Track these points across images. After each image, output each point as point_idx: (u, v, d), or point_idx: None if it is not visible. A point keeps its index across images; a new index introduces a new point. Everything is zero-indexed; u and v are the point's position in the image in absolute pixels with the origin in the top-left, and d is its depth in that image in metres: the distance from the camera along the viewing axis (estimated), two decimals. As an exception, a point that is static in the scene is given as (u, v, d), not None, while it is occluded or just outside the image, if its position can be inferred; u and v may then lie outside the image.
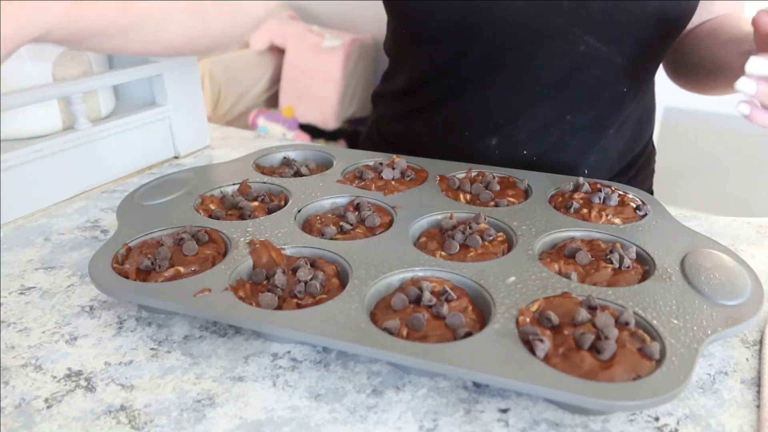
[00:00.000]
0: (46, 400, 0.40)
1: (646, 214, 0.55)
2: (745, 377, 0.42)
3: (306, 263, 0.47)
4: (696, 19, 0.72)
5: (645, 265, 0.49)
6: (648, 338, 0.39)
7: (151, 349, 0.44)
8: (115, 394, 0.40)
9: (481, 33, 0.66)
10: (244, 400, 0.40)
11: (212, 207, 0.59)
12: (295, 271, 0.46)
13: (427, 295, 0.42)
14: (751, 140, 1.91)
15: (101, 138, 0.69)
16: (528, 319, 0.41)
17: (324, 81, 2.44)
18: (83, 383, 0.41)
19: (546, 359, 0.38)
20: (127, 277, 0.46)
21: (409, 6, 0.68)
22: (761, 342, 0.45)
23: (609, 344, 0.37)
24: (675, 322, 0.41)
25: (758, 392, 0.40)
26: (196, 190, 0.61)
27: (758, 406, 0.39)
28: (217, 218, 0.56)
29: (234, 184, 0.62)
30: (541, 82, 0.67)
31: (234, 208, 0.58)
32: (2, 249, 0.57)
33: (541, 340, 0.38)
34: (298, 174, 0.66)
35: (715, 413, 0.39)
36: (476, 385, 0.41)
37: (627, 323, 0.40)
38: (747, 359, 0.43)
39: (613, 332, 0.39)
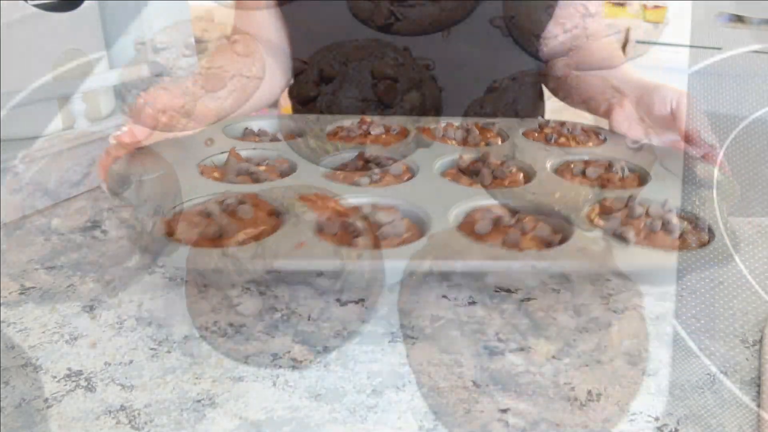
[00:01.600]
0: (46, 400, 0.40)
1: (606, 138, 0.66)
2: (745, 377, 0.42)
3: (372, 209, 0.46)
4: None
5: (636, 173, 0.58)
6: (693, 218, 0.49)
7: (151, 349, 0.44)
8: (115, 394, 0.40)
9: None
10: (244, 400, 0.40)
11: (216, 175, 0.52)
12: (365, 219, 0.45)
13: (506, 218, 0.45)
14: (752, 140, 1.91)
15: (101, 138, 0.69)
16: (600, 219, 0.47)
17: (324, 81, 2.44)
18: (83, 383, 0.41)
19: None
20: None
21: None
22: (761, 342, 0.45)
23: (675, 225, 0.46)
24: (694, 201, 0.50)
25: (758, 392, 0.40)
26: (186, 161, 0.54)
27: (758, 406, 0.39)
28: (232, 184, 0.51)
29: (222, 153, 0.56)
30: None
31: (242, 175, 0.52)
32: (2, 249, 0.57)
33: (628, 230, 0.44)
34: (276, 140, 0.61)
35: (715, 413, 0.39)
36: (476, 384, 0.41)
37: (670, 210, 0.49)
38: (747, 359, 0.43)
39: (669, 216, 0.47)
